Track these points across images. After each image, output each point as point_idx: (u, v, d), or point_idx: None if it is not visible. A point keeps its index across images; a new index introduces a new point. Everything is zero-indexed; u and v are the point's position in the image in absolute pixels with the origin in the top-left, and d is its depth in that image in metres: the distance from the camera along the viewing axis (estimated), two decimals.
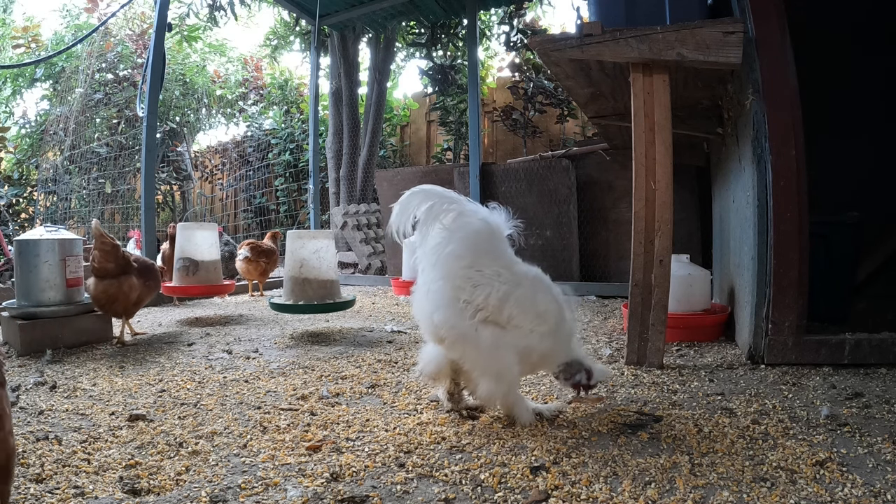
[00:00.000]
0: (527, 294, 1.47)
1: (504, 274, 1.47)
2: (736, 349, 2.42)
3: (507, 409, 1.55)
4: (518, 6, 6.80)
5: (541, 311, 1.48)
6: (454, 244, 1.45)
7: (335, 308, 2.99)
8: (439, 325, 1.46)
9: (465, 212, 1.48)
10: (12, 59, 8.49)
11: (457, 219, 1.47)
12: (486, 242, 1.48)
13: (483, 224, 1.48)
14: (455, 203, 1.48)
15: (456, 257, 1.44)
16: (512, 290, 1.45)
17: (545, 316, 1.49)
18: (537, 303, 1.48)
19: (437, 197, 1.47)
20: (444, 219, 1.47)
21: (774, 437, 1.41)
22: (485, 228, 1.48)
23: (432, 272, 1.48)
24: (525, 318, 1.46)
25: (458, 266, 1.45)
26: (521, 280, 1.49)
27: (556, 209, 4.75)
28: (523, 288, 1.47)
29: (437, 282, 1.47)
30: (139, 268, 2.80)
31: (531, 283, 1.51)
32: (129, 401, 1.79)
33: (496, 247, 1.50)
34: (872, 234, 2.96)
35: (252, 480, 1.22)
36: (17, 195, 7.71)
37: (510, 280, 1.46)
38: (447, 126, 8.21)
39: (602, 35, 2.12)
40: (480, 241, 1.47)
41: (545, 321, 1.48)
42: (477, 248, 1.47)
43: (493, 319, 1.45)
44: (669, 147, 2.11)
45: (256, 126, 9.69)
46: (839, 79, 3.21)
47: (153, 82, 4.12)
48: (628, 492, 1.14)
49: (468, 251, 1.45)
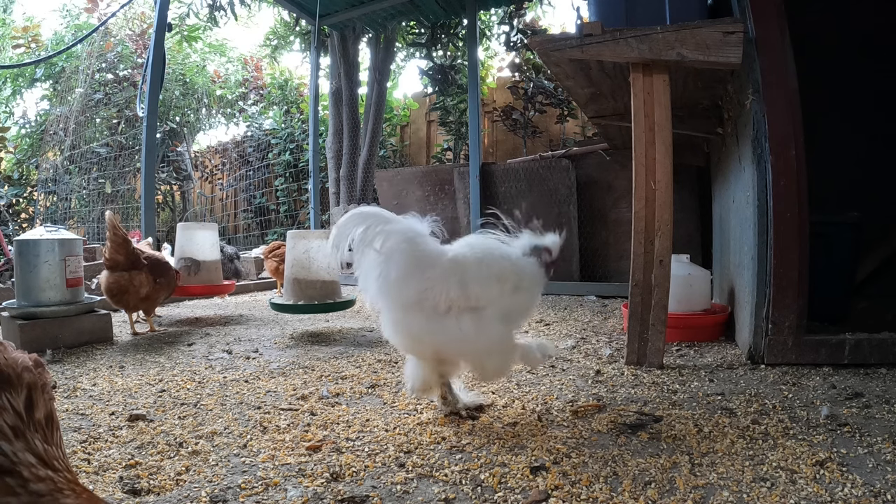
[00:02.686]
0: (474, 270, 1.49)
1: (447, 267, 1.49)
2: (736, 349, 2.42)
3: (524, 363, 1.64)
4: (518, 6, 6.79)
5: (494, 273, 1.51)
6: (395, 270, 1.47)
7: (335, 308, 2.99)
8: (432, 340, 1.50)
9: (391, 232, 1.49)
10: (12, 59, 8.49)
11: (385, 242, 1.48)
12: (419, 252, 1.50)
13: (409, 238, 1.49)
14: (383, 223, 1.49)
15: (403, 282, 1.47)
16: (461, 276, 1.48)
17: (500, 275, 1.51)
18: (486, 270, 1.50)
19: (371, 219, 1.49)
20: (376, 243, 1.48)
21: (774, 437, 1.41)
22: (411, 241, 1.50)
23: (390, 303, 1.51)
24: (487, 288, 1.49)
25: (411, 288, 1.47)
26: (461, 262, 1.51)
27: (556, 209, 4.75)
28: (468, 267, 1.50)
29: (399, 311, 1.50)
30: (150, 265, 2.88)
31: (473, 259, 1.52)
32: (129, 401, 1.79)
33: (429, 251, 1.52)
34: (872, 234, 2.96)
35: (252, 480, 1.22)
36: (17, 195, 7.70)
37: (455, 269, 1.49)
38: (447, 126, 8.20)
39: (602, 35, 2.12)
40: (415, 255, 1.49)
41: (504, 278, 1.51)
42: (416, 264, 1.48)
43: (466, 307, 1.48)
44: (669, 147, 2.11)
45: (256, 126, 9.68)
46: (839, 79, 3.21)
47: (153, 82, 4.12)
48: (628, 492, 1.14)
49: (411, 271, 1.47)
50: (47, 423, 0.80)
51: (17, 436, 0.74)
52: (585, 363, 2.25)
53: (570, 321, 3.26)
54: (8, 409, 0.76)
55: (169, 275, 3.01)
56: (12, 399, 0.77)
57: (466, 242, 1.59)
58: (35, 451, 0.75)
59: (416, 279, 1.47)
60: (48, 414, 0.81)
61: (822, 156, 2.58)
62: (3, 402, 0.76)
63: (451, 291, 1.46)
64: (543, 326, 3.10)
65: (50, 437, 0.79)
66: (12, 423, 0.75)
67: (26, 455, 0.73)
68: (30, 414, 0.78)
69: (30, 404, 0.79)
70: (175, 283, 3.11)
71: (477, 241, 1.60)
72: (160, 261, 3.02)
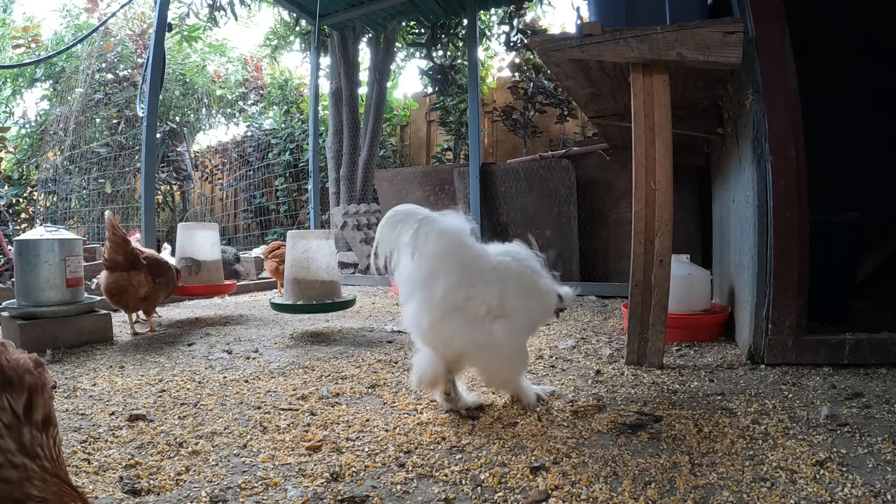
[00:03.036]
0: (515, 282, 1.58)
1: (488, 273, 1.56)
2: (736, 349, 2.42)
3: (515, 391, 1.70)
4: (518, 6, 6.79)
5: (530, 288, 1.61)
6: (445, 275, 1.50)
7: (334, 308, 2.99)
8: (463, 344, 1.54)
9: (436, 231, 1.51)
10: (12, 59, 8.48)
11: (430, 240, 1.50)
12: (468, 258, 1.55)
13: (453, 236, 1.53)
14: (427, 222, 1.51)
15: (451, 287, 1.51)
16: (503, 287, 1.56)
17: (534, 291, 1.63)
18: (525, 284, 1.61)
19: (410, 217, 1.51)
20: (419, 243, 1.50)
21: (774, 437, 1.41)
22: (455, 240, 1.53)
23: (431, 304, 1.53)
24: (523, 301, 1.59)
25: (459, 293, 1.52)
26: (505, 272, 1.58)
27: (556, 209, 4.75)
28: (511, 279, 1.58)
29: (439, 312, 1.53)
30: (149, 265, 2.88)
31: (516, 271, 1.60)
32: (129, 401, 1.79)
33: (475, 256, 1.58)
34: (872, 234, 2.96)
35: (252, 480, 1.22)
36: (17, 195, 7.70)
37: (496, 278, 1.56)
38: (447, 126, 8.20)
39: (602, 35, 2.12)
40: (465, 261, 1.54)
41: (537, 294, 1.64)
42: (464, 269, 1.53)
43: (499, 315, 1.56)
44: (669, 147, 2.11)
45: (256, 126, 9.68)
46: (839, 79, 3.21)
47: (153, 82, 4.12)
48: (628, 492, 1.14)
49: (460, 277, 1.52)
50: (45, 423, 0.81)
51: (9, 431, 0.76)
52: (585, 363, 2.25)
53: (569, 321, 3.25)
54: (7, 410, 0.77)
55: (168, 275, 3.01)
56: (13, 401, 0.78)
57: (505, 251, 1.65)
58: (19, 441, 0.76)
59: (465, 285, 1.53)
60: (46, 415, 0.82)
61: (822, 156, 2.57)
62: (3, 402, 0.77)
63: (492, 299, 1.54)
64: (543, 326, 3.10)
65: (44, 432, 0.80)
66: (8, 422, 0.76)
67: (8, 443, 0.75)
68: (28, 415, 0.79)
69: (29, 406, 0.80)
70: (175, 282, 3.11)
71: (515, 252, 1.66)
72: (159, 261, 3.02)
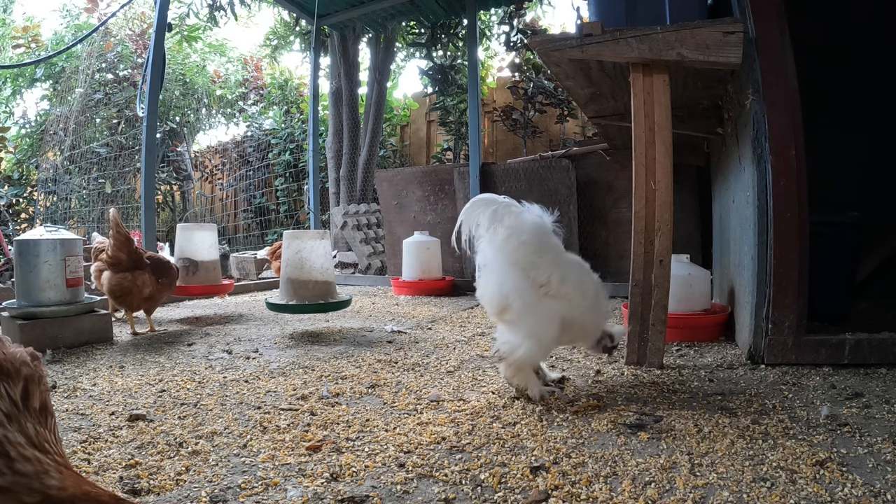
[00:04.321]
0: (578, 276, 1.81)
1: (559, 260, 1.78)
2: (736, 349, 2.42)
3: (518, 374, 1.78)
4: (518, 6, 6.79)
5: (587, 290, 1.81)
6: (522, 236, 1.73)
7: (326, 308, 2.99)
8: (508, 293, 1.72)
9: (522, 213, 1.78)
10: (12, 59, 8.48)
11: (516, 219, 1.75)
12: (543, 236, 1.78)
13: (538, 221, 1.79)
14: (512, 206, 1.78)
15: (523, 245, 1.73)
16: (567, 273, 1.77)
17: (589, 294, 1.81)
18: (585, 283, 1.82)
19: (497, 203, 1.77)
20: (506, 220, 1.74)
21: (774, 437, 1.41)
22: (540, 225, 1.78)
23: (502, 259, 1.75)
24: (576, 294, 1.76)
25: (525, 252, 1.73)
26: (572, 265, 1.83)
27: (556, 209, 4.73)
28: (574, 272, 1.81)
29: (508, 266, 1.74)
30: (153, 265, 2.87)
31: (579, 267, 1.86)
32: (129, 401, 1.79)
33: (549, 239, 1.80)
34: (872, 234, 2.96)
35: (252, 480, 1.22)
36: (17, 195, 7.70)
37: (564, 265, 1.78)
38: (447, 126, 8.20)
39: (602, 35, 2.12)
40: (538, 235, 1.77)
41: (589, 297, 1.81)
42: (537, 240, 1.76)
43: (552, 294, 1.74)
44: (669, 147, 2.11)
45: (256, 126, 9.68)
46: (839, 79, 3.21)
47: (153, 82, 4.12)
48: (628, 492, 1.14)
49: (531, 241, 1.75)
50: (41, 412, 0.84)
51: (10, 420, 0.77)
52: (585, 363, 2.25)
53: None
54: (4, 398, 0.79)
55: (171, 274, 3.01)
56: (10, 389, 0.80)
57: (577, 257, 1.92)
58: (25, 433, 0.77)
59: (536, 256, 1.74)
60: (43, 403, 0.85)
61: (822, 156, 2.57)
62: (1, 390, 0.79)
63: (553, 276, 1.73)
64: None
65: (43, 422, 0.82)
66: (7, 410, 0.78)
67: (16, 436, 0.76)
68: (25, 403, 0.81)
69: (26, 394, 0.82)
70: (175, 280, 3.11)
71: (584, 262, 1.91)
72: (162, 260, 3.02)
